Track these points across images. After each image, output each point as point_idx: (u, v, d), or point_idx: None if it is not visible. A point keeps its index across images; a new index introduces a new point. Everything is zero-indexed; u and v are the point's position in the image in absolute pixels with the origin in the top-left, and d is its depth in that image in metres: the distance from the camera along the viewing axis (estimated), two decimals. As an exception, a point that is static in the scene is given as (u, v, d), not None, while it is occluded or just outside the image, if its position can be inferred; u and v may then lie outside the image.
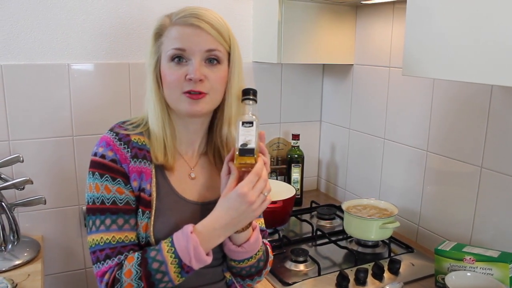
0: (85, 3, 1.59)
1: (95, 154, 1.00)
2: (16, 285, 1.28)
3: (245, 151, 0.95)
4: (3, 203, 1.44)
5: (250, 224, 1.02)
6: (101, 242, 0.97)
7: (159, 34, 1.01)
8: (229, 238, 1.03)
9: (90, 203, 0.99)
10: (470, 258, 1.24)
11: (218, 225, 0.95)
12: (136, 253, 0.96)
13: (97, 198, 0.98)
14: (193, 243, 0.92)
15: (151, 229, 1.00)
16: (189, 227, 0.94)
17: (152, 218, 1.00)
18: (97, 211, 0.98)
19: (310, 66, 2.08)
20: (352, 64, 1.91)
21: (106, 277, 0.95)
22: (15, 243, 1.48)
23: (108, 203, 0.98)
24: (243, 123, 0.95)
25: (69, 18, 1.58)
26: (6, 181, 1.46)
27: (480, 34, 0.93)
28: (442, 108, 1.49)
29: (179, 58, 0.97)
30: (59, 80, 1.60)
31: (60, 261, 1.71)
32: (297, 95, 2.09)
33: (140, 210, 1.00)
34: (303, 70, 2.07)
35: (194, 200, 1.07)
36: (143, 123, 1.06)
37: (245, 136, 0.95)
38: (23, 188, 1.48)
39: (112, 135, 1.02)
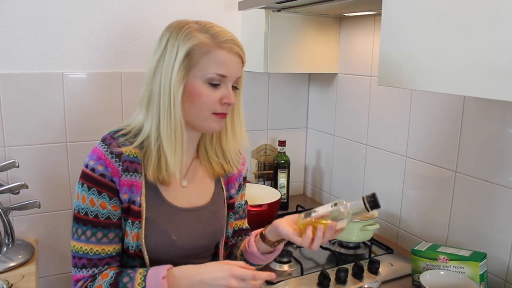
0: (79, 15, 1.66)
1: (86, 166, 1.03)
2: (11, 285, 1.33)
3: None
4: (-2, 207, 1.49)
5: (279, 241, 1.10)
6: (80, 251, 1.03)
7: (197, 51, 0.99)
8: (256, 243, 1.11)
9: (76, 211, 1.04)
10: (444, 258, 1.31)
11: (194, 279, 0.96)
12: (112, 272, 1.02)
13: (82, 209, 1.03)
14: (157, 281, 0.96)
15: (143, 238, 1.04)
16: (163, 271, 0.97)
17: (143, 228, 1.04)
18: (80, 220, 1.03)
19: (296, 75, 2.15)
20: (336, 73, 1.99)
21: (79, 284, 1.03)
22: (10, 245, 1.52)
23: (91, 215, 1.03)
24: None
25: (64, 28, 1.64)
26: (1, 185, 1.51)
27: (450, 48, 0.99)
28: (419, 116, 1.57)
29: (217, 83, 1.01)
30: (54, 89, 1.66)
31: (53, 263, 1.76)
32: (284, 103, 2.16)
33: (129, 221, 1.04)
34: (290, 79, 2.15)
35: (185, 207, 1.10)
36: (138, 133, 1.06)
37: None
38: (18, 193, 1.53)
39: (104, 147, 1.03)
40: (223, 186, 1.20)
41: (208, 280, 0.94)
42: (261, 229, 1.15)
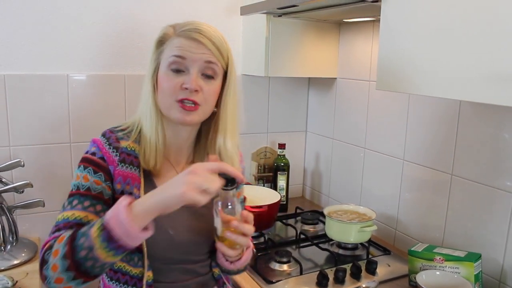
0: (84, 17, 1.70)
1: (86, 152, 1.07)
2: (16, 282, 1.35)
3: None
4: (3, 206, 1.52)
5: (243, 249, 1.11)
6: (60, 219, 0.98)
7: (161, 42, 1.06)
8: (223, 256, 1.09)
9: (69, 192, 1.04)
10: (439, 258, 1.34)
11: (155, 192, 0.92)
12: (68, 231, 0.93)
13: (74, 185, 1.03)
14: (120, 213, 0.87)
15: None
16: (123, 201, 0.90)
17: None
18: (69, 196, 1.03)
19: (296, 79, 2.19)
20: (336, 78, 2.02)
21: (41, 253, 0.94)
22: (14, 244, 1.55)
23: (82, 189, 1.02)
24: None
25: (68, 31, 1.68)
26: (7, 184, 1.54)
27: (447, 53, 1.03)
28: (416, 120, 1.61)
29: (177, 68, 1.03)
30: (58, 90, 1.69)
31: (55, 262, 1.78)
32: (284, 106, 2.20)
33: None
34: (290, 83, 2.18)
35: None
36: (134, 128, 1.11)
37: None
38: (22, 192, 1.56)
39: (103, 140, 1.08)
40: None
41: (167, 184, 0.90)
42: None
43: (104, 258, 0.88)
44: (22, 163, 1.54)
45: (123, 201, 0.88)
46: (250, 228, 1.02)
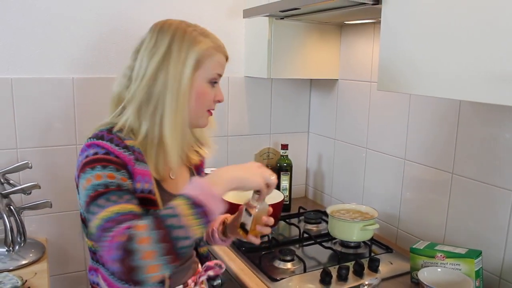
0: (88, 22, 1.73)
1: (90, 155, 0.98)
2: (26, 281, 1.38)
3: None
4: (11, 207, 1.55)
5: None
6: (110, 215, 0.90)
7: (204, 55, 1.07)
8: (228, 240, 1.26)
9: (91, 193, 0.93)
10: (441, 255, 1.36)
11: (223, 169, 1.00)
12: (144, 220, 0.88)
13: (99, 185, 0.94)
14: (206, 187, 0.92)
15: None
16: (200, 180, 0.96)
17: None
18: (100, 195, 0.93)
19: (298, 80, 2.22)
20: (337, 79, 2.05)
21: (115, 244, 0.85)
22: (22, 244, 1.58)
23: (112, 186, 0.95)
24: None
25: (73, 35, 1.71)
26: (14, 186, 1.57)
27: (447, 54, 1.05)
28: (417, 120, 1.63)
29: (215, 82, 1.12)
30: (64, 93, 1.72)
31: (63, 262, 1.81)
32: (286, 107, 2.22)
33: (151, 210, 1.04)
34: (292, 84, 2.21)
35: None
36: (130, 131, 1.06)
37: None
38: (30, 193, 1.59)
39: (107, 142, 1.00)
40: (195, 173, 1.29)
41: (241, 168, 1.02)
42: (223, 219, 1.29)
43: (197, 234, 0.89)
44: (30, 165, 1.57)
45: (197, 179, 0.95)
46: (272, 221, 1.16)
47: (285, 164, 2.08)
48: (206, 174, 1.13)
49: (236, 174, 0.99)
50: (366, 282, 1.39)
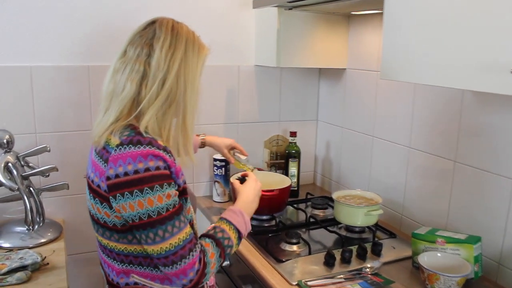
0: (101, 11, 1.79)
1: (147, 169, 1.02)
2: (45, 258, 1.46)
3: None
4: (31, 188, 1.63)
5: None
6: (180, 242, 1.06)
7: (205, 59, 1.20)
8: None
9: (154, 216, 1.03)
10: (441, 241, 1.41)
11: (250, 200, 1.37)
12: (206, 239, 1.17)
13: (162, 208, 1.04)
14: (245, 218, 1.27)
15: (192, 210, 1.20)
16: (236, 208, 1.29)
17: (189, 201, 1.18)
18: (166, 219, 1.05)
19: (307, 69, 2.25)
20: (345, 68, 2.08)
21: (196, 265, 1.08)
22: (41, 224, 1.66)
23: (171, 208, 1.06)
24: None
25: (89, 24, 1.78)
26: (34, 168, 1.65)
27: (448, 44, 1.08)
28: (422, 109, 1.67)
29: None
30: (81, 80, 1.79)
31: (78, 242, 1.90)
32: (296, 96, 2.27)
33: (184, 198, 1.13)
34: (301, 73, 2.25)
35: None
36: (157, 132, 1.12)
37: None
38: (48, 175, 1.67)
39: (151, 147, 1.04)
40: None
41: (254, 195, 1.40)
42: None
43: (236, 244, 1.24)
44: (48, 148, 1.65)
45: (236, 209, 1.30)
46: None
47: (293, 151, 2.12)
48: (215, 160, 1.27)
49: (256, 205, 1.40)
50: (368, 265, 1.45)
